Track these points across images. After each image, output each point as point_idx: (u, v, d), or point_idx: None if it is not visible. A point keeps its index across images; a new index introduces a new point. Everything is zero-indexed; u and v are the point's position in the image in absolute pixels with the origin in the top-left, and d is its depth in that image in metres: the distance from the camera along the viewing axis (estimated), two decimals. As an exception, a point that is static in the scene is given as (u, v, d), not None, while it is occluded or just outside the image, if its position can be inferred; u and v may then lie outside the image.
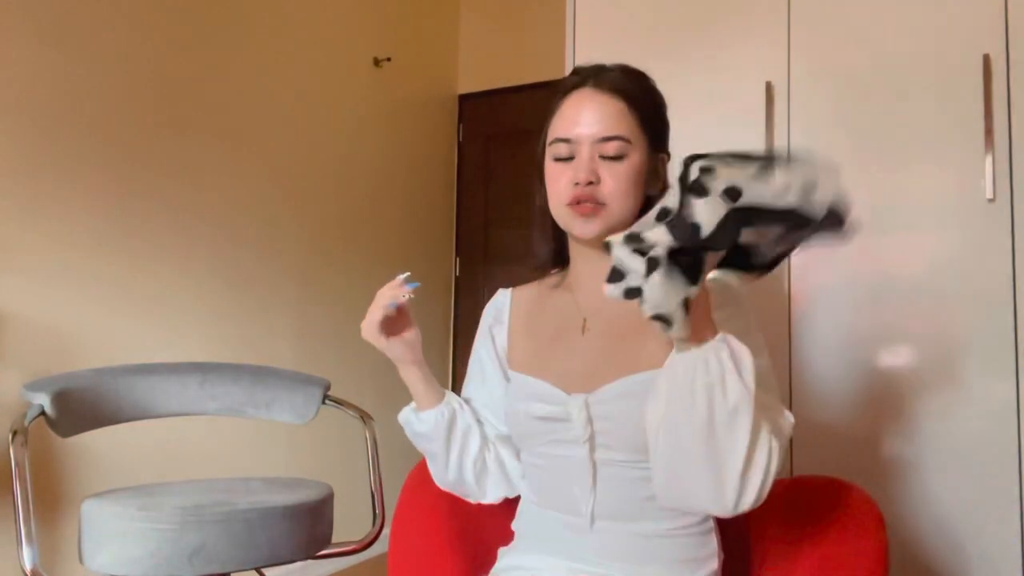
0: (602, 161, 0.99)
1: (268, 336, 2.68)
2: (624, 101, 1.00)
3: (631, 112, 1.01)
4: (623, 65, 1.06)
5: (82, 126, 2.11)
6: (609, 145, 0.99)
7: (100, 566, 1.37)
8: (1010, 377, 1.53)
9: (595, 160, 0.99)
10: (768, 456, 0.83)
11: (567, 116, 1.02)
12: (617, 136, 0.99)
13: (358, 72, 3.15)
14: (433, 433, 1.10)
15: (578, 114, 1.01)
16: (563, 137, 1.01)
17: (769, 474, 0.84)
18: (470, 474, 1.11)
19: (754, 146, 1.77)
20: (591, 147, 0.99)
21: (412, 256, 3.47)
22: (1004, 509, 1.52)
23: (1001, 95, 1.56)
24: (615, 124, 0.99)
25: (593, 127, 0.99)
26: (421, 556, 1.17)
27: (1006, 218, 1.55)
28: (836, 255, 1.69)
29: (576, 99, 1.02)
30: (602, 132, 0.99)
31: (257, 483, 1.66)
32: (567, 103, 1.03)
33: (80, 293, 2.09)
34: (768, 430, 0.84)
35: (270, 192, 2.70)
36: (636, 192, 1.01)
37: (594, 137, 0.99)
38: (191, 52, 2.42)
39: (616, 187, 0.99)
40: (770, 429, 0.84)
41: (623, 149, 0.99)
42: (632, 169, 1.00)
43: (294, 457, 2.74)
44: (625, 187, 1.00)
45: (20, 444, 1.43)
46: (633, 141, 1.00)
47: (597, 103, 1.00)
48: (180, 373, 1.79)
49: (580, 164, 0.99)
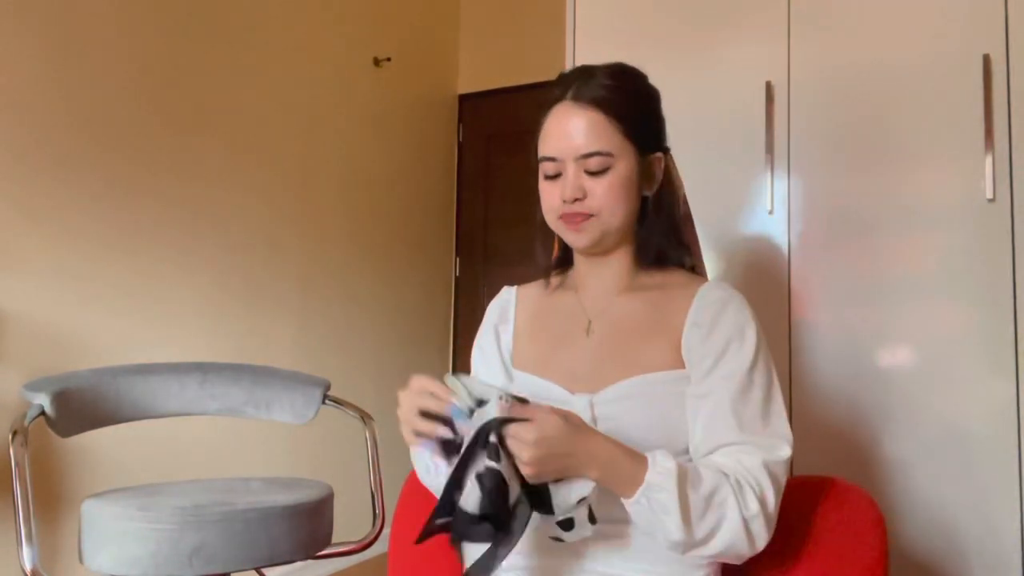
0: (587, 176, 1.00)
1: (268, 336, 2.68)
2: (604, 113, 0.99)
3: (612, 123, 0.99)
4: (609, 66, 1.04)
5: (82, 126, 2.11)
6: (592, 160, 0.99)
7: (100, 566, 1.37)
8: (1010, 377, 1.53)
9: (580, 176, 1.00)
10: (743, 529, 0.89)
11: (550, 133, 1.02)
12: (597, 151, 0.99)
13: (358, 72, 3.15)
14: None
15: (558, 131, 1.01)
16: (548, 155, 1.02)
17: (750, 533, 0.90)
18: None
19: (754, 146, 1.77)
20: (575, 163, 1.00)
21: (412, 256, 3.47)
22: (1004, 509, 1.52)
23: (1001, 95, 1.56)
24: (595, 139, 0.99)
25: (573, 144, 0.99)
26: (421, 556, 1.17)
27: (1006, 218, 1.55)
28: (836, 255, 1.69)
29: (556, 115, 1.02)
30: (582, 148, 0.99)
31: (257, 483, 1.66)
32: (549, 119, 1.02)
33: (80, 293, 2.09)
34: (735, 515, 0.89)
35: (270, 192, 2.70)
36: (628, 198, 1.01)
37: (575, 153, 0.99)
38: (191, 52, 2.42)
39: (604, 199, 1.00)
40: (737, 512, 0.89)
41: (606, 163, 0.99)
42: (619, 179, 1.00)
43: (294, 457, 2.74)
44: (613, 198, 1.00)
45: (20, 444, 1.43)
46: (616, 152, 1.00)
47: (576, 118, 1.00)
48: (180, 373, 1.79)
49: (566, 181, 1.00)
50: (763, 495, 0.91)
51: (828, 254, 1.70)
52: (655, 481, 0.87)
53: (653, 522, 0.88)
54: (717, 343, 0.98)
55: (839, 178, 1.70)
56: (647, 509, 0.87)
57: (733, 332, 0.98)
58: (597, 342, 1.05)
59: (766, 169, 1.76)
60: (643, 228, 1.07)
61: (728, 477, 0.91)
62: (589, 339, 1.06)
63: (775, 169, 1.76)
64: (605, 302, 1.08)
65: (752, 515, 0.89)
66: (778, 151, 1.76)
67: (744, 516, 0.89)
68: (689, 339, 1.00)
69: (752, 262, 1.78)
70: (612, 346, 1.04)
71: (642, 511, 0.88)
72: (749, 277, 1.78)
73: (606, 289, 1.08)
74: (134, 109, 2.24)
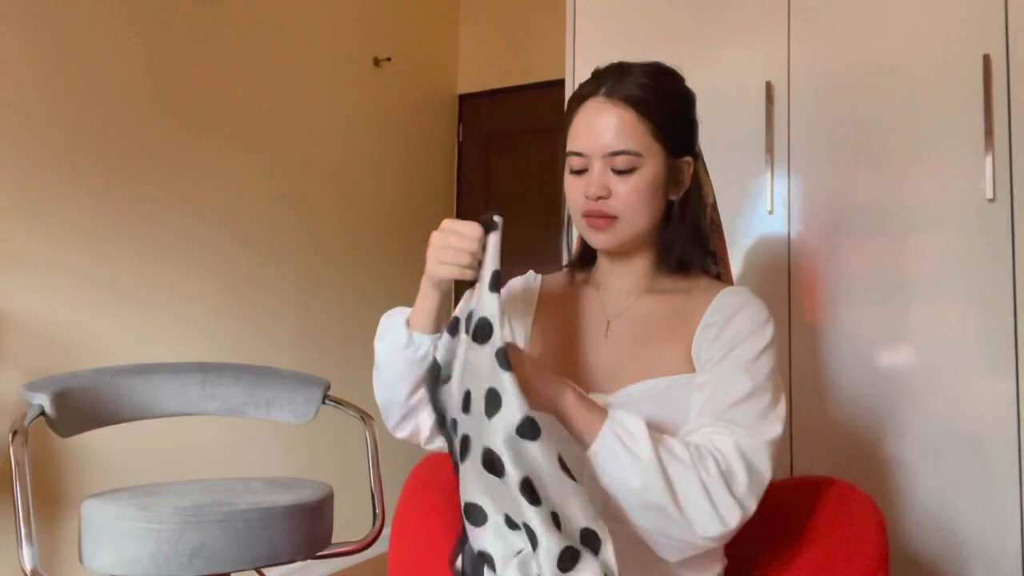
0: (613, 174, 0.99)
1: (268, 336, 2.68)
2: (635, 111, 0.98)
3: (643, 122, 0.98)
4: (646, 65, 1.03)
5: (82, 126, 2.11)
6: (619, 159, 0.98)
7: (100, 566, 1.37)
8: (1010, 377, 1.53)
9: (606, 174, 0.99)
10: (703, 491, 0.85)
11: (579, 128, 1.01)
12: (625, 151, 0.98)
13: (358, 72, 3.15)
14: (415, 361, 1.05)
15: (588, 127, 1.00)
16: (575, 151, 1.01)
17: (713, 501, 0.86)
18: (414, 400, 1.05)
19: (754, 146, 1.77)
20: (602, 160, 0.99)
21: (412, 256, 3.47)
22: (1004, 509, 1.52)
23: (1001, 95, 1.56)
24: (624, 138, 0.98)
25: (602, 141, 0.98)
26: (421, 556, 1.17)
27: (1006, 218, 1.55)
28: (836, 255, 1.69)
29: (587, 111, 1.01)
30: (610, 146, 0.98)
31: (257, 483, 1.66)
32: (579, 114, 1.02)
33: (80, 293, 2.09)
34: (692, 474, 0.86)
35: (270, 192, 2.70)
36: (652, 202, 1.01)
37: (603, 151, 0.99)
38: (191, 52, 2.42)
39: (627, 200, 0.99)
40: (695, 472, 0.86)
41: (633, 162, 0.98)
42: (644, 180, 0.99)
43: (294, 457, 2.74)
44: (637, 199, 0.99)
45: (20, 444, 1.43)
46: (645, 153, 0.99)
47: (606, 115, 0.99)
48: (180, 373, 1.79)
49: (591, 178, 0.99)
50: (728, 467, 0.88)
51: (828, 254, 1.70)
52: (621, 416, 0.88)
53: (615, 463, 0.85)
54: (725, 343, 0.97)
55: (839, 178, 1.70)
56: (612, 442, 0.85)
57: (744, 333, 0.97)
58: (615, 343, 1.05)
59: (766, 169, 1.76)
60: (666, 232, 1.05)
61: (690, 445, 0.89)
62: (607, 339, 1.06)
63: (775, 169, 1.76)
64: (625, 303, 1.08)
65: (711, 477, 0.86)
66: (778, 151, 1.76)
67: (702, 477, 0.86)
68: (700, 339, 1.00)
69: (752, 262, 1.78)
70: (630, 348, 1.03)
71: (606, 447, 0.86)
72: (749, 277, 1.78)
73: (627, 290, 1.08)
74: (135, 109, 2.24)
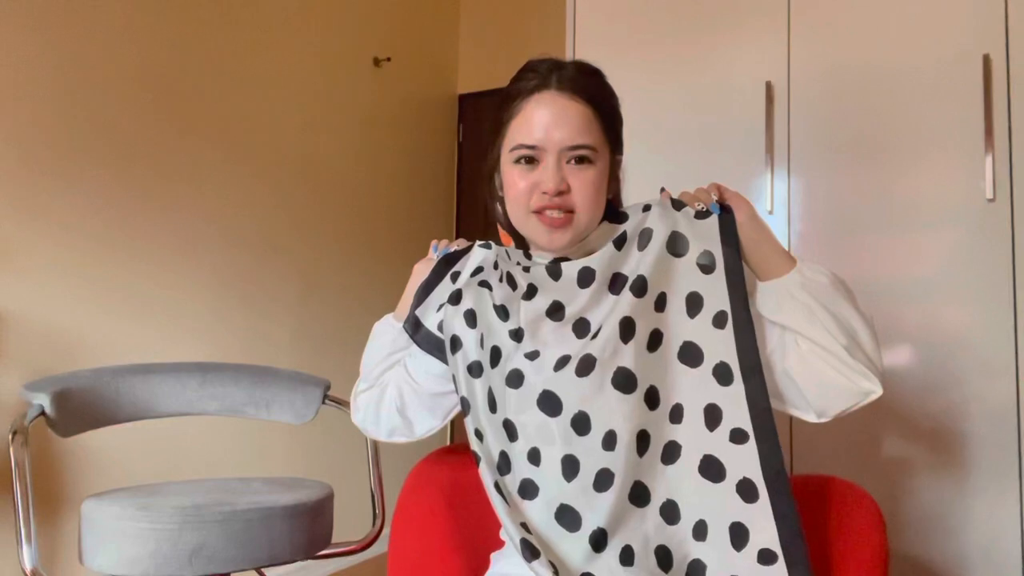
0: (569, 168, 0.96)
1: (268, 336, 2.68)
2: (589, 106, 0.96)
3: (596, 118, 0.97)
4: (578, 62, 1.00)
5: (82, 127, 2.11)
6: (577, 153, 0.95)
7: (100, 566, 1.37)
8: (1010, 377, 1.53)
9: (563, 167, 0.96)
10: (869, 326, 0.97)
11: (532, 121, 0.96)
12: (585, 145, 0.95)
13: (358, 72, 3.15)
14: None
15: (544, 119, 0.95)
16: (528, 143, 0.96)
17: (876, 338, 0.98)
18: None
19: (754, 146, 1.77)
20: (557, 154, 0.95)
21: (412, 256, 3.47)
22: (1004, 509, 1.52)
23: (1001, 95, 1.56)
24: (583, 132, 0.95)
25: (561, 134, 0.95)
26: (421, 556, 1.17)
27: (1006, 218, 1.55)
28: (836, 255, 1.69)
29: (539, 103, 0.96)
30: (570, 140, 0.95)
31: (257, 483, 1.66)
32: (530, 107, 0.97)
33: (80, 293, 2.09)
34: (856, 312, 0.97)
35: (270, 192, 2.70)
36: (601, 199, 0.99)
37: (562, 144, 0.95)
38: (191, 52, 2.42)
39: (585, 195, 0.96)
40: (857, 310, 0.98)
41: (591, 157, 0.96)
42: (599, 176, 0.97)
43: (294, 457, 2.74)
44: (593, 194, 0.97)
45: (20, 444, 1.43)
46: (598, 148, 0.97)
47: (563, 108, 0.95)
48: (180, 373, 1.79)
49: (547, 172, 0.95)
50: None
51: (828, 254, 1.70)
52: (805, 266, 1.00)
53: (807, 285, 0.97)
54: None
55: (839, 178, 1.70)
56: (800, 276, 0.98)
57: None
58: None
59: (766, 169, 1.76)
60: None
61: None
62: None
63: (775, 169, 1.76)
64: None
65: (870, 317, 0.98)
66: (778, 151, 1.76)
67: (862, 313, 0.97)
68: None
69: (752, 262, 1.78)
70: None
71: (795, 279, 0.98)
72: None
73: None
74: (135, 109, 2.24)
